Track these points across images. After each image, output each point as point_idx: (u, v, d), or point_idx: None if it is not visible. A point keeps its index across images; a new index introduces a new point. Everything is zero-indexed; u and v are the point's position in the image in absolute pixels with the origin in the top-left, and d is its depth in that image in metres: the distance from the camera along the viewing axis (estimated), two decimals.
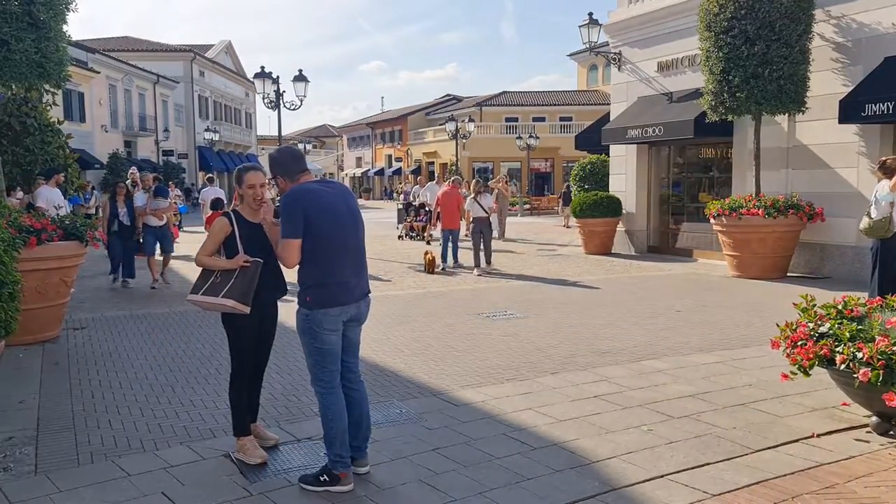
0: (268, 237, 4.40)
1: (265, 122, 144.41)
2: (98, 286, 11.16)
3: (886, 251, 8.40)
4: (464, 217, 14.35)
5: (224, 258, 4.44)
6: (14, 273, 6.15)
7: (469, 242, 14.35)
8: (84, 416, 5.33)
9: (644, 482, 4.09)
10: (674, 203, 16.24)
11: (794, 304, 5.36)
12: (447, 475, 4.21)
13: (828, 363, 4.76)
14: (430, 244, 17.07)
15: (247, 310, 4.26)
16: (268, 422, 5.05)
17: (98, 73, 35.19)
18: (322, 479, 4.01)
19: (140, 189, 12.72)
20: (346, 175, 69.60)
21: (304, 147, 47.78)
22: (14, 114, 13.61)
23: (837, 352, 4.68)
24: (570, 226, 20.01)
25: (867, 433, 4.77)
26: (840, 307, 5.14)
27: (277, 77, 19.96)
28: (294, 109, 20.66)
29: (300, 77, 19.69)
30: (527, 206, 38.02)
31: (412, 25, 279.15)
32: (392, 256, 16.48)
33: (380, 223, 26.37)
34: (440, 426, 5.02)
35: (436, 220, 15.70)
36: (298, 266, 4.01)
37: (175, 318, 9.11)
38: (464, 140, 39.90)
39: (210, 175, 22.60)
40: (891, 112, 10.47)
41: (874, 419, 4.78)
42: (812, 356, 4.79)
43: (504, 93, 55.30)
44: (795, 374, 4.91)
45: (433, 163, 52.81)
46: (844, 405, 5.15)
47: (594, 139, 17.53)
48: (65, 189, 12.92)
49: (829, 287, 10.66)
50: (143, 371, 6.61)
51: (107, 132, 36.64)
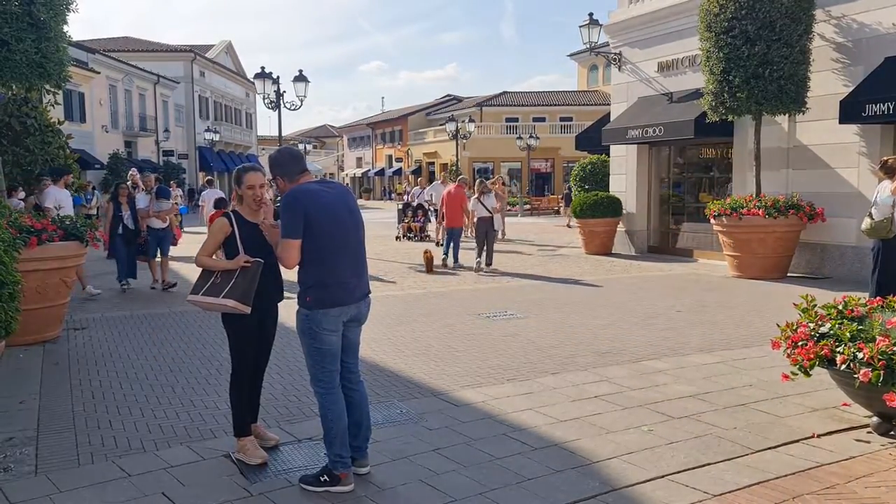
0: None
1: (265, 123, 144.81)
2: (98, 286, 11.14)
3: (888, 252, 8.40)
4: (468, 217, 14.42)
5: (224, 258, 4.44)
6: (14, 273, 6.15)
7: (470, 242, 14.45)
8: (84, 417, 5.34)
9: (644, 482, 4.09)
10: (674, 203, 16.25)
11: (795, 305, 5.36)
12: (448, 475, 4.21)
13: (828, 363, 4.76)
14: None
15: (247, 310, 4.26)
16: (268, 422, 5.06)
17: (98, 74, 35.22)
18: (322, 480, 4.01)
19: (142, 190, 12.41)
20: (347, 175, 69.61)
21: (305, 147, 47.86)
22: (14, 114, 13.61)
23: (838, 352, 4.68)
24: (572, 226, 20.00)
25: (868, 433, 4.77)
26: (840, 307, 5.14)
27: (278, 77, 19.97)
28: (294, 110, 20.68)
29: (300, 77, 19.70)
30: (527, 207, 38.02)
31: (412, 25, 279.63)
32: (392, 256, 16.48)
33: (380, 223, 26.37)
34: (440, 426, 5.02)
35: (441, 219, 15.89)
36: (298, 266, 4.02)
37: (175, 319, 9.11)
38: (464, 140, 39.93)
39: (209, 177, 22.60)
40: (891, 112, 10.47)
41: (875, 419, 4.78)
42: (813, 356, 4.79)
43: (504, 93, 55.31)
44: (796, 375, 4.91)
45: (433, 163, 52.83)
46: (845, 405, 5.15)
47: (594, 139, 17.54)
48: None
49: (830, 287, 10.66)
50: (144, 371, 6.61)
51: (107, 132, 36.67)
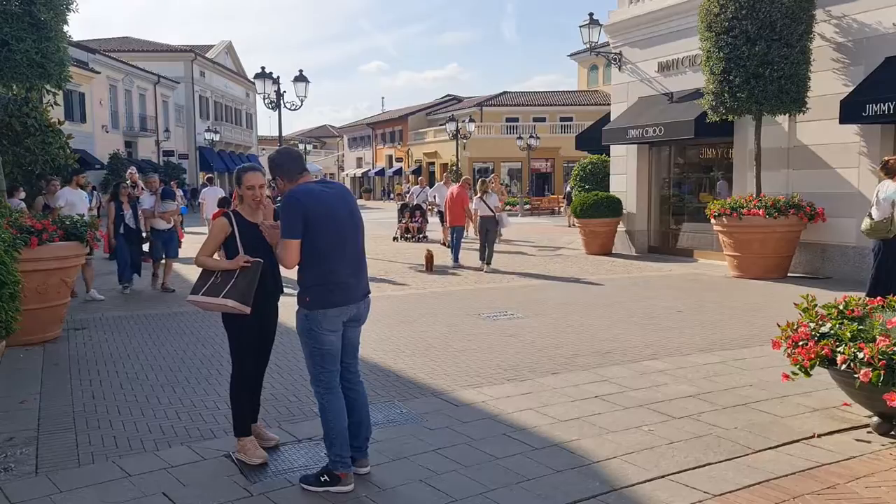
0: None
1: (266, 123, 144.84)
2: (98, 287, 11.13)
3: (888, 251, 8.41)
4: (470, 217, 14.56)
5: (224, 258, 4.44)
6: (15, 273, 6.16)
7: (473, 244, 14.60)
8: (85, 417, 5.34)
9: (645, 482, 4.09)
10: (674, 203, 16.25)
11: (795, 305, 5.36)
12: (448, 475, 4.21)
13: (829, 363, 4.76)
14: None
15: (247, 310, 4.26)
16: (268, 422, 5.06)
17: (99, 74, 35.22)
18: (323, 480, 4.01)
19: (145, 190, 12.20)
20: (347, 175, 69.61)
21: (305, 147, 47.85)
22: (15, 114, 13.61)
23: (838, 352, 4.67)
24: (574, 225, 20.02)
25: (868, 433, 4.77)
26: (841, 307, 5.13)
27: (278, 77, 19.96)
28: (294, 110, 20.67)
29: (300, 77, 19.68)
30: (527, 207, 38.00)
31: (413, 26, 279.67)
32: (392, 256, 16.48)
33: (380, 223, 26.37)
34: (441, 426, 5.02)
35: (446, 219, 16.14)
36: (298, 266, 4.02)
37: (176, 319, 9.11)
38: (464, 140, 39.92)
39: (210, 175, 22.59)
40: (891, 112, 10.46)
41: (875, 419, 4.77)
42: (813, 356, 4.78)
43: (504, 93, 55.32)
44: (796, 375, 4.91)
45: (434, 163, 52.82)
46: (845, 405, 5.15)
47: (595, 139, 17.52)
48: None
49: (830, 287, 10.66)
50: (144, 371, 6.61)
51: (107, 132, 36.66)
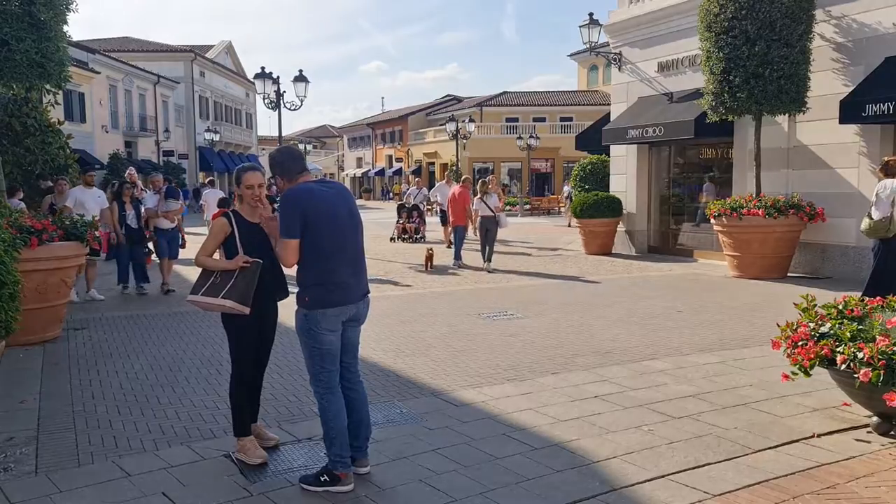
0: (268, 237, 4.40)
1: (265, 123, 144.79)
2: (98, 287, 11.12)
3: (887, 251, 8.41)
4: (471, 217, 14.64)
5: (224, 258, 4.44)
6: (14, 273, 6.16)
7: (475, 244, 14.67)
8: (84, 417, 5.34)
9: (645, 482, 4.09)
10: (674, 203, 16.25)
11: (795, 305, 5.36)
12: (448, 475, 4.21)
13: (828, 363, 4.76)
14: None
15: (246, 310, 4.26)
16: (268, 422, 5.06)
17: (98, 74, 35.20)
18: (322, 480, 4.01)
19: (148, 190, 12.06)
20: (347, 175, 69.62)
21: (305, 147, 47.81)
22: (15, 114, 13.64)
23: (838, 352, 4.68)
24: (572, 225, 20.05)
25: (868, 433, 4.77)
26: (841, 307, 5.14)
27: (278, 77, 19.96)
28: (294, 110, 20.67)
29: (300, 77, 19.69)
30: (527, 207, 37.99)
31: (412, 26, 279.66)
32: (392, 256, 16.48)
33: (380, 223, 26.36)
34: (441, 426, 5.02)
35: (449, 219, 16.16)
36: (297, 266, 4.02)
37: (175, 319, 9.11)
38: (464, 140, 39.92)
39: (211, 178, 22.60)
40: (891, 112, 10.46)
41: (875, 419, 4.78)
42: (813, 356, 4.78)
43: (504, 93, 55.33)
44: (796, 375, 4.91)
45: (433, 163, 52.83)
46: (845, 405, 5.15)
47: (594, 139, 17.53)
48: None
49: (830, 287, 10.66)
50: (144, 371, 6.61)
51: (107, 132, 36.65)
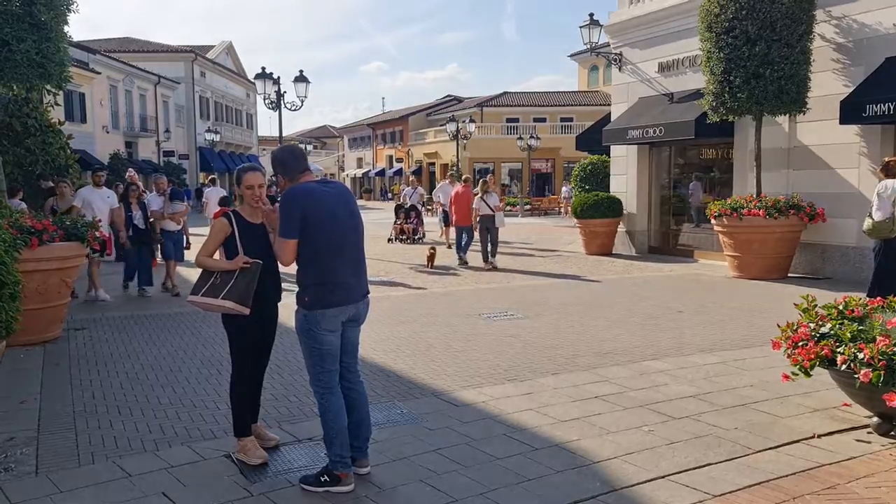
0: (268, 238, 4.41)
1: (266, 123, 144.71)
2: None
3: (889, 251, 8.41)
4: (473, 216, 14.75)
5: (224, 259, 4.44)
6: (15, 274, 6.16)
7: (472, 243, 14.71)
8: (85, 417, 5.34)
9: (645, 483, 4.10)
10: (675, 204, 16.25)
11: (796, 305, 5.36)
12: (448, 476, 4.21)
13: (829, 364, 4.76)
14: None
15: (246, 311, 4.26)
16: (268, 422, 5.06)
17: (99, 74, 35.22)
18: (323, 480, 4.01)
19: (152, 191, 11.88)
20: (347, 176, 69.63)
21: (305, 147, 47.84)
22: (15, 114, 13.64)
23: (838, 352, 4.68)
24: (575, 225, 20.07)
25: (868, 434, 4.77)
26: (841, 308, 5.13)
27: (278, 78, 19.96)
28: (295, 110, 20.68)
29: (301, 78, 19.69)
30: (527, 207, 37.99)
31: (413, 26, 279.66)
32: (392, 256, 16.49)
33: (380, 224, 26.35)
34: (441, 426, 5.02)
35: (452, 218, 16.24)
36: (298, 266, 4.02)
37: (176, 319, 9.11)
38: (465, 141, 39.92)
39: (212, 177, 22.59)
40: (892, 112, 10.46)
41: (875, 420, 4.78)
42: (813, 357, 4.78)
43: (505, 93, 55.34)
44: (796, 375, 4.91)
45: (434, 163, 52.84)
46: (845, 406, 5.15)
47: (595, 140, 17.53)
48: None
49: (831, 288, 10.66)
50: (144, 372, 6.61)
51: (108, 133, 36.67)
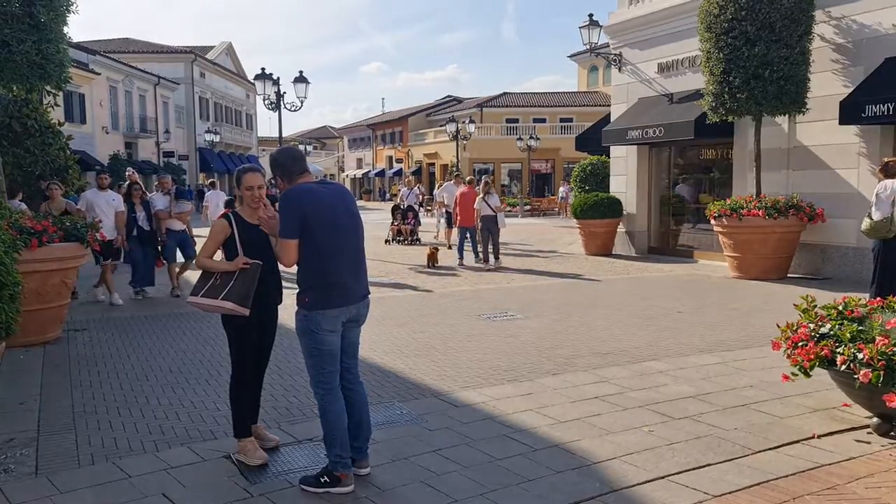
0: (268, 239, 4.41)
1: (266, 124, 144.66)
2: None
3: (888, 251, 8.41)
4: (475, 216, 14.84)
5: (224, 259, 4.45)
6: (15, 274, 6.15)
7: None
8: (85, 418, 5.34)
9: (645, 483, 4.10)
10: (674, 204, 16.25)
11: (795, 305, 5.36)
12: (448, 476, 4.21)
13: (828, 364, 4.76)
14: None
15: (246, 312, 4.26)
16: (268, 423, 5.06)
17: (99, 75, 35.23)
18: (323, 481, 4.01)
19: (157, 191, 11.83)
20: (347, 176, 69.64)
21: (305, 148, 47.77)
22: (15, 115, 13.63)
23: (838, 352, 4.68)
24: (574, 225, 20.09)
25: (868, 434, 4.78)
26: (841, 308, 5.14)
27: (278, 78, 19.97)
28: (294, 111, 20.69)
29: (300, 78, 19.70)
30: (527, 208, 37.99)
31: (412, 26, 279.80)
32: (392, 257, 16.49)
33: (380, 224, 26.34)
34: (441, 427, 5.02)
35: (455, 219, 16.35)
36: (297, 267, 4.02)
37: (176, 320, 9.11)
38: (464, 141, 39.91)
39: (212, 179, 22.60)
40: (891, 113, 10.46)
41: (875, 420, 4.78)
42: (813, 357, 4.79)
43: (504, 94, 55.33)
44: (796, 375, 4.91)
45: (434, 164, 52.84)
46: (845, 406, 5.15)
47: (595, 140, 17.54)
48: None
49: (830, 288, 10.66)
50: (144, 372, 6.61)
51: (108, 134, 36.69)
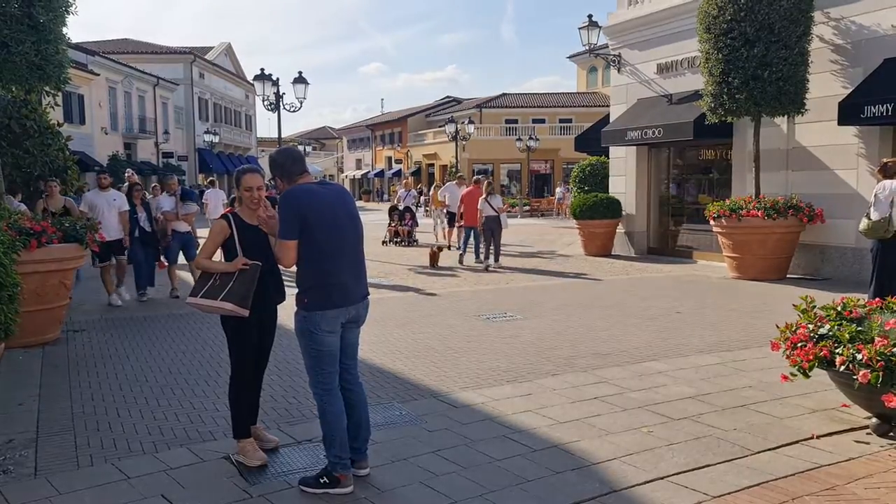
0: (267, 239, 4.41)
1: (265, 124, 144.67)
2: (99, 287, 11.10)
3: (886, 251, 8.42)
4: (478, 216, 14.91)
5: (223, 260, 4.45)
6: (14, 275, 6.16)
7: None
8: (84, 419, 5.34)
9: (644, 484, 4.10)
10: (674, 205, 16.25)
11: (794, 306, 5.37)
12: (447, 477, 4.21)
13: (827, 364, 4.76)
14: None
15: (246, 313, 4.26)
16: (268, 424, 5.06)
17: (98, 76, 35.21)
18: (322, 481, 4.01)
19: (163, 192, 11.75)
20: (346, 177, 69.63)
21: (304, 149, 47.87)
22: (14, 116, 13.60)
23: (837, 353, 4.68)
24: (573, 225, 20.12)
25: (867, 434, 4.78)
26: (839, 308, 5.14)
27: (277, 79, 19.97)
28: (294, 111, 20.68)
29: (300, 79, 19.69)
30: (526, 208, 37.99)
31: (412, 27, 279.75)
32: (392, 258, 16.48)
33: (379, 225, 26.33)
34: (440, 428, 5.02)
35: (459, 219, 16.45)
36: (297, 267, 4.02)
37: (175, 321, 9.11)
38: (464, 142, 39.93)
39: (212, 178, 22.58)
40: (890, 114, 10.47)
41: (874, 421, 4.78)
42: (812, 357, 4.79)
43: (504, 94, 55.35)
44: (795, 376, 4.91)
45: (433, 164, 52.85)
46: (844, 406, 5.15)
47: (594, 141, 17.55)
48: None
49: (829, 288, 10.67)
50: (143, 373, 6.61)
51: (107, 134, 36.68)
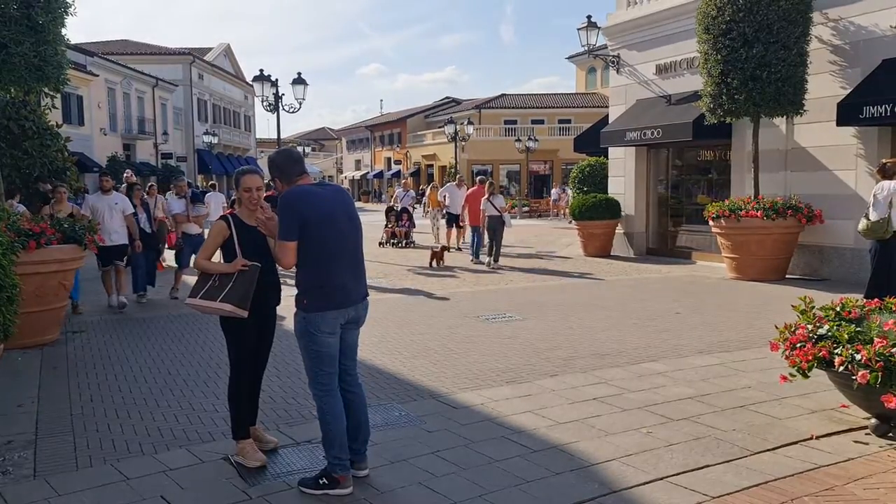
0: (266, 240, 4.41)
1: (264, 125, 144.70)
2: (99, 289, 11.10)
3: (884, 252, 8.43)
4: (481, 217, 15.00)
5: (223, 261, 4.45)
6: (13, 277, 6.16)
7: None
8: (83, 420, 5.33)
9: (644, 484, 4.10)
10: (673, 205, 16.26)
11: (793, 306, 5.37)
12: (447, 478, 4.21)
13: (826, 365, 4.76)
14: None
15: (245, 314, 4.26)
16: (267, 425, 5.06)
17: (97, 77, 35.19)
18: (321, 483, 4.01)
19: (171, 194, 11.78)
20: (345, 178, 69.63)
21: (304, 150, 47.89)
22: (13, 117, 13.59)
23: (836, 354, 4.68)
24: (572, 225, 20.13)
25: (866, 435, 4.78)
26: (838, 309, 5.14)
27: (276, 80, 19.98)
28: (293, 112, 20.70)
29: (299, 80, 19.70)
30: (525, 209, 37.99)
31: (411, 28, 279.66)
32: (391, 259, 16.48)
33: (379, 226, 26.31)
34: (440, 429, 5.02)
35: (462, 219, 16.62)
36: (296, 268, 4.02)
37: (174, 322, 9.10)
38: (463, 142, 39.92)
39: (212, 182, 22.61)
40: (888, 114, 10.48)
41: (873, 421, 4.78)
42: (811, 358, 4.79)
43: (503, 95, 55.38)
44: (794, 376, 4.91)
45: (432, 165, 52.85)
46: (843, 407, 5.16)
47: (593, 141, 17.55)
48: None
49: (828, 289, 10.67)
50: (143, 374, 6.61)
51: (106, 135, 36.65)
